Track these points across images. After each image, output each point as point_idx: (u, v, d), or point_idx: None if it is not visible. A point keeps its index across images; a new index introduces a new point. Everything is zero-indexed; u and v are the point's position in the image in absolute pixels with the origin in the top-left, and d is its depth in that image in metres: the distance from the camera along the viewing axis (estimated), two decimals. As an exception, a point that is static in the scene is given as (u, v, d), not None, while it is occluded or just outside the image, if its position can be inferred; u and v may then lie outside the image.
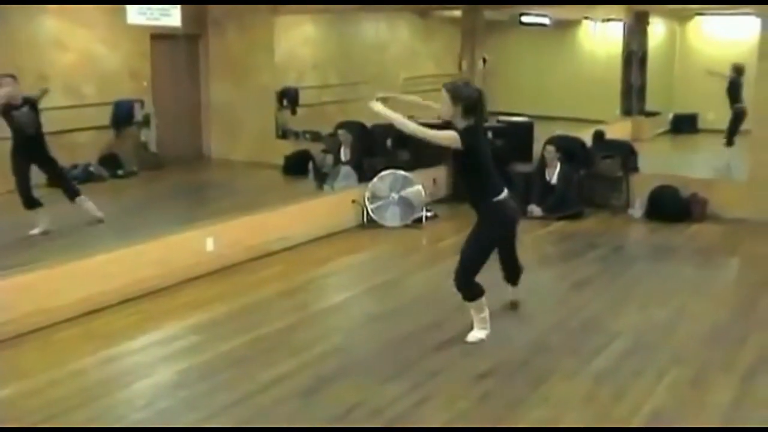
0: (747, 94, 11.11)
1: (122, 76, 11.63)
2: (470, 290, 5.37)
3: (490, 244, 5.36)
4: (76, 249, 6.47)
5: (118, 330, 5.87)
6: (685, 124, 16.27)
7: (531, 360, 5.27)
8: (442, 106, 5.15)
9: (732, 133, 12.27)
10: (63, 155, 10.46)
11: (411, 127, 5.13)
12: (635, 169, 10.09)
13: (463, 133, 5.04)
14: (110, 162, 11.32)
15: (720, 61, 12.50)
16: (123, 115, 11.54)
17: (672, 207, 9.30)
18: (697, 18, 16.67)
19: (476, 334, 5.48)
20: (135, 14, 6.88)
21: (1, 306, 5.57)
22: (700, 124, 16.19)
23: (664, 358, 5.31)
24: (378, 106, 5.16)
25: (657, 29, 16.28)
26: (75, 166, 10.78)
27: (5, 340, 5.51)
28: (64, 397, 4.74)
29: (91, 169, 11.00)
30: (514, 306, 6.13)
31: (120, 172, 11.30)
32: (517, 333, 5.71)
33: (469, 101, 5.06)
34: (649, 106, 15.62)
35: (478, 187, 5.24)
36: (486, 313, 5.49)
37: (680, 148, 15.35)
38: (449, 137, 5.07)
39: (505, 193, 5.24)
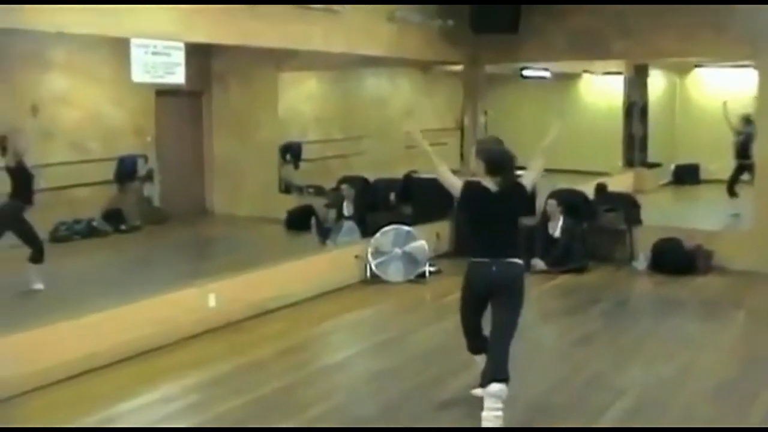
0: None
1: (127, 132, 11.73)
2: (466, 341, 5.28)
3: (463, 301, 5.16)
4: (74, 306, 6.41)
5: (117, 389, 5.79)
6: (687, 175, 16.34)
7: (534, 420, 5.18)
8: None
9: (733, 182, 12.25)
10: (66, 210, 10.56)
11: (436, 162, 5.11)
12: (638, 221, 10.07)
13: (464, 189, 5.01)
14: (113, 217, 11.36)
15: (720, 112, 12.53)
16: (127, 171, 11.62)
17: (676, 259, 9.25)
18: (696, 70, 16.84)
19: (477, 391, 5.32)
20: (140, 73, 6.91)
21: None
22: (702, 175, 16.25)
23: (672, 417, 5.21)
24: (417, 134, 5.15)
25: (657, 81, 16.44)
26: (78, 221, 10.83)
27: (1, 400, 5.42)
28: (60, 460, 4.66)
29: (95, 223, 11.05)
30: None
31: (123, 226, 11.33)
32: (519, 391, 5.55)
33: (490, 159, 4.97)
34: (651, 157, 15.72)
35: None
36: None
37: (683, 199, 15.36)
38: (454, 184, 5.05)
39: (481, 258, 4.94)
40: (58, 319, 6.08)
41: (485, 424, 4.75)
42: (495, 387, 4.75)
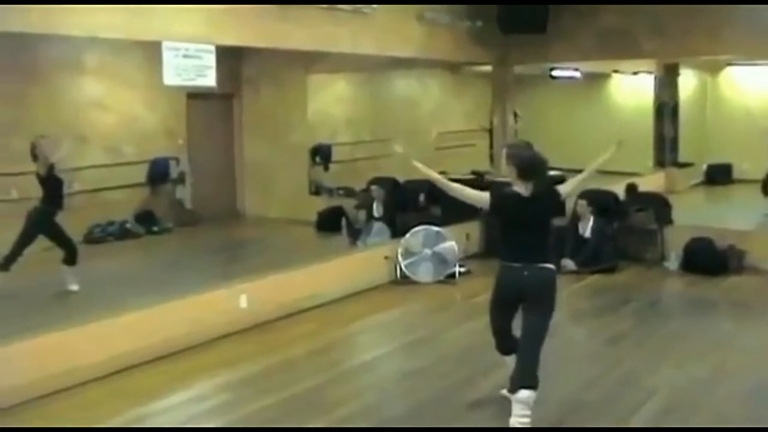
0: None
1: (159, 134, 11.86)
2: (495, 341, 5.29)
3: (493, 304, 5.18)
4: (109, 306, 6.51)
5: (151, 388, 5.88)
6: (719, 175, 16.15)
7: (566, 419, 5.17)
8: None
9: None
10: (100, 212, 10.71)
11: (446, 184, 5.12)
12: (669, 221, 9.99)
13: (493, 199, 5.00)
14: (146, 219, 11.48)
15: (752, 110, 12.40)
16: (159, 173, 11.75)
17: (708, 259, 9.17)
18: (728, 69, 16.65)
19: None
20: (172, 76, 7.01)
21: (32, 364, 5.61)
22: (735, 174, 16.06)
23: (703, 418, 5.18)
24: (417, 163, 5.16)
25: (688, 80, 16.27)
26: (111, 223, 10.97)
27: (38, 398, 5.54)
28: (95, 457, 4.75)
29: (128, 225, 11.18)
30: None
31: (155, 228, 11.45)
32: (550, 390, 5.54)
33: (521, 165, 4.92)
34: (682, 157, 15.55)
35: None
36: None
37: (715, 198, 15.19)
38: (479, 198, 5.04)
39: (513, 262, 4.91)
40: (93, 319, 6.19)
41: (513, 425, 4.75)
42: (523, 394, 4.75)
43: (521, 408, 4.75)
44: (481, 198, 5.02)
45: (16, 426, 5.22)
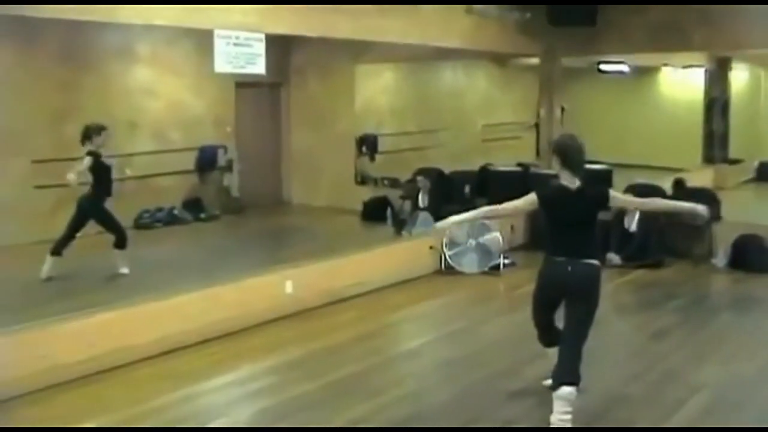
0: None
1: (207, 122, 12.02)
2: (537, 334, 5.30)
3: (536, 298, 5.17)
4: (157, 289, 6.66)
5: (197, 369, 6.00)
6: (771, 173, 15.84)
7: (609, 411, 5.16)
8: None
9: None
10: (150, 198, 10.90)
11: (492, 210, 5.12)
12: (718, 217, 9.85)
13: (540, 197, 4.92)
14: (193, 206, 11.65)
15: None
16: (207, 160, 11.90)
17: (758, 257, 9.04)
18: (784, 63, 16.32)
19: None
20: (222, 63, 7.12)
21: (85, 343, 5.77)
22: (788, 173, 15.77)
23: (748, 416, 5.13)
24: (453, 218, 5.11)
25: (740, 75, 16.00)
26: (160, 209, 11.16)
27: (89, 375, 5.70)
28: (144, 434, 4.88)
29: (175, 212, 11.35)
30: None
31: (203, 215, 11.62)
32: (594, 383, 5.53)
33: (559, 151, 4.93)
34: (733, 153, 15.31)
35: None
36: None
37: (766, 196, 14.90)
38: (527, 203, 4.97)
39: (557, 257, 4.89)
40: (142, 301, 6.33)
41: (554, 425, 4.72)
42: (565, 390, 4.72)
43: (562, 405, 4.72)
44: (528, 201, 4.95)
45: (70, 402, 5.36)
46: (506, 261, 9.08)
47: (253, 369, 6.08)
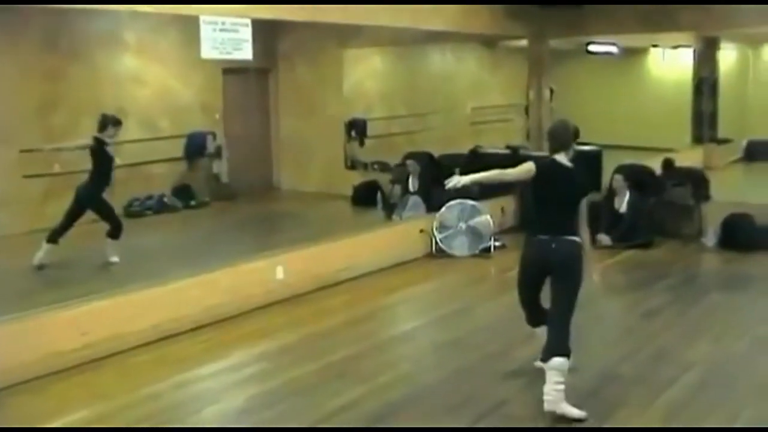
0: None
1: (195, 109, 11.97)
2: (524, 314, 5.33)
3: (521, 276, 5.21)
4: (149, 277, 6.65)
5: (190, 356, 6.01)
6: (759, 151, 15.90)
7: (600, 390, 5.19)
8: None
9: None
10: (139, 186, 10.86)
11: (498, 174, 5.06)
12: (707, 197, 9.89)
13: (538, 165, 4.94)
14: (183, 193, 11.62)
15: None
16: (196, 147, 11.85)
17: (747, 236, 9.08)
18: (771, 42, 16.36)
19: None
20: (209, 49, 7.08)
21: (78, 331, 5.76)
22: (776, 151, 15.81)
23: (741, 392, 5.17)
24: (463, 179, 5.06)
25: (728, 55, 16.03)
26: (150, 197, 11.13)
27: (83, 363, 5.70)
28: (138, 419, 4.88)
29: (165, 199, 11.32)
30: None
31: (193, 202, 11.59)
32: (585, 362, 5.56)
33: (548, 136, 5.09)
34: (721, 133, 15.35)
35: None
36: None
37: (755, 175, 14.98)
38: (523, 170, 4.96)
39: (541, 235, 4.93)
40: (135, 289, 6.33)
41: (547, 397, 4.76)
42: (556, 361, 4.77)
43: (555, 375, 4.77)
44: (524, 168, 4.95)
45: (64, 391, 5.37)
46: (497, 243, 9.10)
47: (245, 355, 6.09)
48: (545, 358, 4.84)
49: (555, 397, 4.75)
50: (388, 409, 4.94)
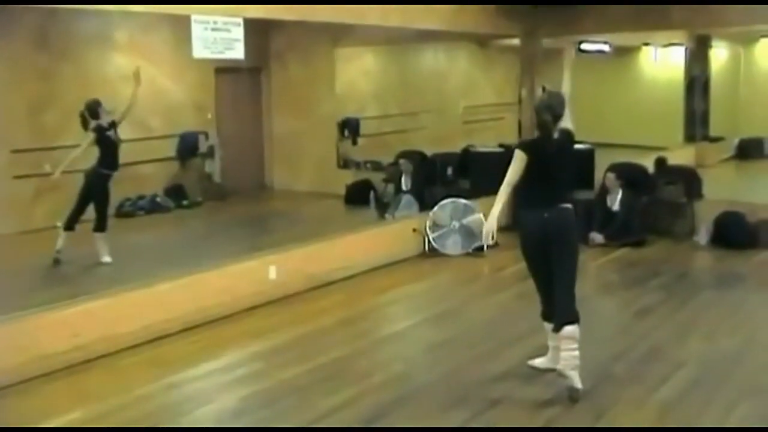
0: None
1: (187, 109, 11.93)
2: (541, 304, 5.35)
3: (525, 258, 5.27)
4: (141, 278, 6.62)
5: (182, 357, 5.98)
6: (751, 150, 15.95)
7: (594, 389, 5.18)
8: None
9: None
10: (131, 186, 10.81)
11: (505, 186, 5.08)
12: (700, 195, 9.90)
13: (525, 150, 5.03)
14: (176, 193, 11.59)
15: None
16: (188, 147, 11.82)
17: (739, 234, 9.10)
18: (763, 40, 16.38)
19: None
20: (200, 48, 7.05)
21: (69, 332, 5.73)
22: (767, 150, 15.87)
23: (733, 390, 5.17)
24: (490, 226, 5.14)
25: (720, 53, 16.06)
26: (142, 197, 11.09)
27: (74, 365, 5.67)
28: (130, 421, 4.86)
29: (158, 199, 11.28)
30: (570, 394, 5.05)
31: (185, 202, 11.56)
32: (580, 360, 5.60)
33: (545, 107, 5.07)
34: (713, 131, 15.39)
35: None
36: (549, 343, 5.39)
37: (747, 173, 15.02)
38: (518, 162, 5.01)
39: (535, 208, 5.05)
40: (126, 289, 6.30)
41: (563, 361, 4.97)
42: (568, 329, 4.97)
43: (568, 342, 4.96)
44: (517, 161, 5.00)
45: (55, 393, 5.34)
46: (490, 242, 9.06)
47: (238, 355, 6.06)
48: (557, 328, 5.04)
49: (570, 360, 4.95)
50: (382, 409, 4.93)
